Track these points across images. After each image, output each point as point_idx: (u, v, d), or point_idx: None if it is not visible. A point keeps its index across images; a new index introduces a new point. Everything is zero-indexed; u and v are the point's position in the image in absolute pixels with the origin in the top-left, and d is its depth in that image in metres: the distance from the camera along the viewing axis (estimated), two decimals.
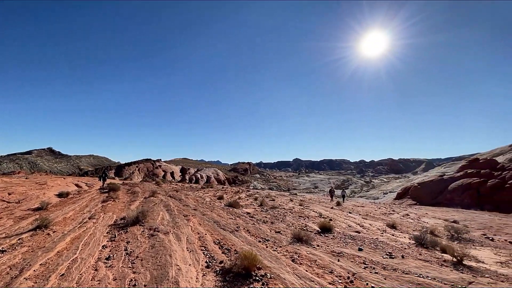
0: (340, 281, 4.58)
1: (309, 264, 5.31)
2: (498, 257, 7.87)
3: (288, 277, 4.49)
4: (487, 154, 60.66)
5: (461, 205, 42.76)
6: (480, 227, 13.39)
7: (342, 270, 5.07)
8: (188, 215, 9.68)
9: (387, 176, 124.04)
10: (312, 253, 6.06)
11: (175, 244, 5.96)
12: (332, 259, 5.74)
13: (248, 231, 7.93)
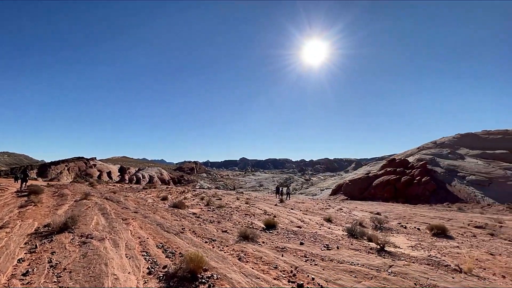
0: (284, 275, 4.73)
1: (255, 261, 5.36)
2: (410, 242, 9.11)
3: (234, 276, 4.45)
4: (401, 155, 69.78)
5: (382, 199, 48.39)
6: (396, 217, 15.35)
7: (285, 265, 5.24)
8: (127, 218, 8.93)
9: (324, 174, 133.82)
10: (258, 250, 6.14)
11: (112, 251, 5.41)
12: (277, 255, 5.90)
13: (194, 232, 7.67)
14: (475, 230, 11.23)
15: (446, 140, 67.63)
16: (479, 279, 5.17)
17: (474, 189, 43.27)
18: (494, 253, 7.87)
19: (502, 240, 9.56)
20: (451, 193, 46.22)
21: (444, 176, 51.33)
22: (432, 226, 10.86)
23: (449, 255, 7.56)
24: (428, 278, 4.81)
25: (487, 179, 44.89)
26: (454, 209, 24.08)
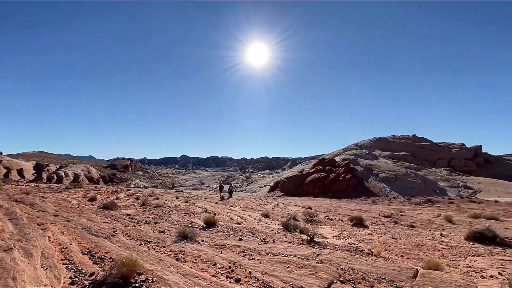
0: (223, 272, 4.77)
1: (194, 260, 5.27)
2: (334, 232, 10.14)
3: (171, 277, 4.31)
4: (330, 154, 76.68)
5: (314, 194, 52.37)
6: (324, 210, 16.88)
7: (224, 261, 5.29)
8: (45, 223, 7.77)
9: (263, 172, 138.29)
10: (197, 249, 6.05)
11: (23, 263, 4.67)
12: (216, 252, 5.91)
13: (128, 235, 7.12)
14: (384, 219, 13.11)
15: (365, 142, 76.90)
16: (385, 260, 6.07)
17: (385, 185, 50.35)
18: (396, 237, 9.33)
19: (402, 226, 11.40)
20: (368, 188, 52.78)
21: (363, 173, 58.28)
22: (352, 218, 12.28)
23: (364, 242, 8.66)
24: (348, 263, 5.46)
25: (393, 176, 52.65)
26: (369, 202, 27.57)
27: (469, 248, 7.84)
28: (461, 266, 6.32)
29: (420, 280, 4.55)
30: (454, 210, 17.69)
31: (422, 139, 73.92)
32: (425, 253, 7.55)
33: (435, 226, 11.51)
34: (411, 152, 66.31)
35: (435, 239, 9.16)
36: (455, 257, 7.09)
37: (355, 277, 4.72)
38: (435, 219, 13.06)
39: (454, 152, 65.63)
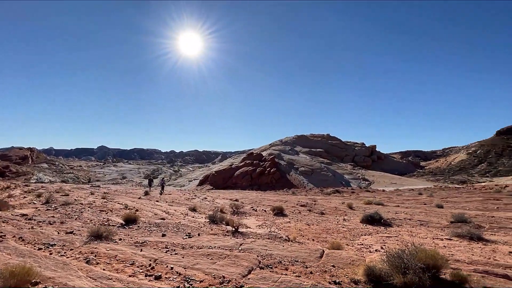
0: (141, 270, 4.47)
1: (108, 261, 4.77)
2: (258, 222, 10.68)
3: (78, 283, 3.80)
4: (258, 149, 79.88)
5: (242, 187, 53.75)
6: (250, 202, 17.57)
7: (144, 259, 4.96)
8: None
9: (193, 166, 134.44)
10: (113, 249, 5.50)
11: None
12: (135, 250, 5.49)
13: (22, 239, 5.95)
14: (300, 208, 14.45)
15: (288, 139, 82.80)
16: (299, 244, 6.72)
17: (303, 178, 55.43)
18: (310, 223, 10.42)
19: (315, 214, 12.80)
20: (289, 181, 57.07)
21: (286, 167, 62.62)
22: (274, 208, 13.13)
23: (283, 229, 9.38)
24: (267, 249, 5.82)
25: (310, 170, 58.40)
26: (290, 193, 29.95)
27: (363, 229, 9.35)
28: (356, 244, 7.48)
29: (325, 259, 5.20)
30: (355, 198, 20.78)
31: (334, 138, 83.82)
32: (331, 235, 8.64)
33: (340, 212, 13.32)
34: (325, 149, 74.57)
35: (339, 223, 10.59)
36: (353, 237, 8.35)
37: (273, 262, 5.08)
38: (340, 206, 15.12)
39: (357, 150, 76.79)
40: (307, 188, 48.13)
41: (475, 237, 7.42)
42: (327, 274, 4.51)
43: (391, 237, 8.15)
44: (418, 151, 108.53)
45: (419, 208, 14.58)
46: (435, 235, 8.35)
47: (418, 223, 10.42)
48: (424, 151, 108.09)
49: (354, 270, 4.57)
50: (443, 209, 13.81)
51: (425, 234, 8.46)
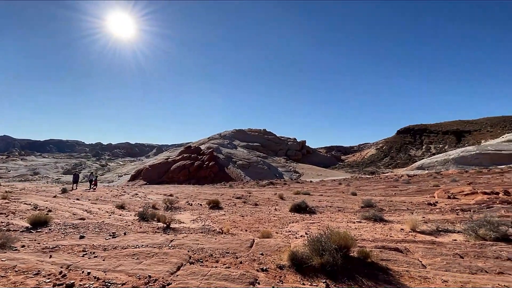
0: (49, 280, 3.83)
1: (3, 274, 3.94)
2: (193, 216, 10.41)
3: None
4: (196, 143, 77.81)
5: (178, 181, 51.56)
6: (185, 196, 17.00)
7: (53, 267, 4.27)
8: None
9: (123, 160, 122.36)
10: (11, 258, 4.57)
11: None
12: (42, 258, 4.68)
13: None
14: (236, 200, 14.68)
15: (227, 133, 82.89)
16: (232, 236, 6.80)
17: (241, 171, 56.42)
18: (244, 215, 10.67)
19: (249, 205, 13.18)
20: (227, 174, 57.34)
21: (224, 161, 62.65)
22: (210, 201, 12.99)
23: (218, 222, 9.36)
24: (199, 244, 5.71)
25: (248, 163, 59.85)
26: (227, 186, 30.11)
27: (291, 217, 10.04)
28: (284, 232, 7.98)
29: (254, 248, 5.38)
30: (286, 189, 22.17)
31: (270, 133, 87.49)
32: (263, 225, 9.02)
33: (272, 202, 14.03)
34: (262, 143, 77.29)
35: (271, 213, 11.13)
36: (282, 225, 8.88)
37: (204, 256, 5.00)
38: (273, 197, 15.93)
39: (290, 144, 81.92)
40: (245, 181, 49.23)
41: (378, 219, 8.75)
42: (256, 262, 4.67)
43: (314, 223, 8.96)
44: (339, 146, 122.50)
45: (338, 196, 16.46)
46: (349, 219, 9.54)
47: (336, 209, 11.74)
48: (344, 146, 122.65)
49: (280, 256, 4.85)
50: (357, 196, 15.90)
51: (342, 219, 9.59)
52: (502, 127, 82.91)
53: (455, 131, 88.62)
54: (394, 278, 3.95)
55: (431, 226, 7.48)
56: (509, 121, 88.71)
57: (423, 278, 3.93)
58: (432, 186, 19.15)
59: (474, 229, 6.03)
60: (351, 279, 3.90)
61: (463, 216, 9.19)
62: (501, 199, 10.99)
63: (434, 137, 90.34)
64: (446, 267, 4.39)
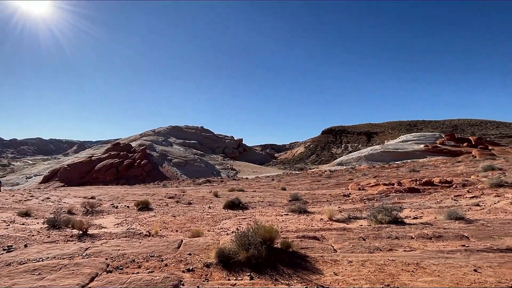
0: None
1: None
2: (117, 220, 9.40)
3: None
4: (126, 139, 70.90)
5: (104, 182, 46.05)
6: (111, 198, 15.27)
7: None
8: None
9: (33, 158, 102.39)
10: None
11: None
12: None
13: None
14: (168, 200, 13.91)
15: (162, 129, 77.92)
16: (160, 238, 6.40)
17: (177, 169, 53.87)
18: (176, 215, 10.18)
19: (182, 205, 12.66)
20: (162, 173, 54.01)
21: (158, 159, 58.79)
22: (139, 202, 11.95)
23: (146, 224, 8.68)
24: (120, 249, 5.16)
25: (184, 161, 57.59)
26: (160, 185, 28.32)
27: (224, 214, 10.05)
28: (216, 229, 7.92)
29: (182, 249, 5.16)
30: (222, 187, 22.14)
31: (207, 131, 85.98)
32: (195, 224, 8.76)
33: (207, 200, 13.80)
34: (199, 141, 75.36)
35: (205, 211, 10.92)
36: (215, 223, 8.80)
37: (124, 263, 4.54)
38: (208, 195, 15.68)
39: (227, 142, 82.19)
40: (181, 179, 47.15)
41: (303, 211, 9.51)
42: (182, 263, 4.49)
43: (246, 218, 9.16)
44: (273, 144, 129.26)
45: (270, 191, 17.29)
46: (278, 212, 10.10)
47: (267, 204, 12.29)
48: (278, 145, 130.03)
49: (208, 254, 4.77)
50: (286, 191, 16.99)
51: (271, 213, 10.07)
52: (399, 130, 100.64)
53: (366, 132, 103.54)
54: (311, 264, 4.32)
55: (344, 214, 8.52)
56: (404, 125, 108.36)
57: (333, 261, 4.42)
58: (348, 180, 21.91)
59: (374, 215, 7.12)
60: (274, 269, 4.10)
61: (368, 204, 10.77)
62: (396, 189, 13.31)
63: (351, 137, 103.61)
64: (352, 249, 5.04)
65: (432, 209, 9.05)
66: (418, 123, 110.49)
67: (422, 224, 6.85)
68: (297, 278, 3.83)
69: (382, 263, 4.28)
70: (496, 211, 8.33)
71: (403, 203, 10.69)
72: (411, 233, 5.92)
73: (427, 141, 61.57)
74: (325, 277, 3.86)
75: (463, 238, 5.55)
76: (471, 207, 9.10)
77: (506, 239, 5.41)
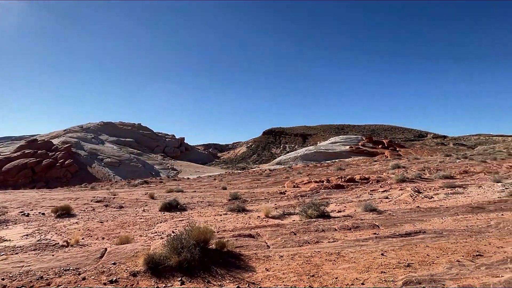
0: None
1: None
2: (27, 230, 7.85)
3: None
4: (46, 136, 60.66)
5: (16, 186, 38.51)
6: (20, 205, 12.70)
7: None
8: None
9: None
10: None
11: None
12: None
13: None
14: (95, 204, 12.32)
15: (92, 125, 68.98)
16: (80, 247, 5.57)
17: (109, 170, 48.35)
18: (103, 220, 9.07)
19: (112, 209, 11.37)
20: (91, 174, 47.82)
21: (87, 158, 51.88)
22: (58, 208, 10.24)
23: (65, 233, 7.48)
24: (24, 266, 4.28)
25: (118, 161, 52.14)
26: (88, 188, 24.96)
27: (160, 217, 9.40)
28: (150, 233, 7.34)
29: (105, 258, 4.59)
30: (160, 188, 20.76)
31: (145, 128, 79.76)
32: (126, 229, 7.95)
33: (141, 203, 12.70)
34: (136, 139, 69.32)
35: (138, 215, 10.02)
36: (149, 227, 8.14)
37: (28, 281, 3.78)
38: (142, 197, 14.46)
39: (168, 141, 77.77)
40: (113, 181, 42.46)
41: (241, 209, 9.58)
42: (105, 274, 3.97)
43: (183, 220, 8.75)
44: (216, 144, 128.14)
45: (210, 191, 16.98)
46: (217, 212, 9.96)
47: (207, 204, 12.01)
48: (221, 144, 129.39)
49: (136, 262, 4.35)
50: (226, 190, 16.92)
51: (210, 213, 9.87)
52: (329, 132, 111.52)
53: (302, 134, 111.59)
54: (244, 262, 4.35)
55: (280, 211, 8.91)
56: (333, 128, 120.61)
57: (266, 257, 4.54)
58: (285, 178, 23.14)
59: (305, 210, 7.64)
60: (207, 271, 3.98)
61: (301, 201, 11.54)
62: (325, 186, 14.62)
63: (289, 138, 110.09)
64: (284, 244, 5.28)
65: (353, 203, 10.22)
66: (345, 127, 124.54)
67: (344, 217, 7.65)
68: (230, 278, 3.79)
69: (310, 255, 4.59)
70: (399, 202, 9.91)
71: (330, 198, 11.81)
72: (335, 225, 6.54)
73: (351, 143, 69.78)
74: (257, 273, 3.92)
75: (375, 227, 6.40)
76: (382, 200, 10.63)
77: (406, 225, 6.45)
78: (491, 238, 5.13)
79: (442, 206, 8.32)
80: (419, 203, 9.39)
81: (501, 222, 6.08)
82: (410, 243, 5.03)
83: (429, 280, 3.39)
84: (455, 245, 4.82)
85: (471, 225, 6.12)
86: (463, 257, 4.20)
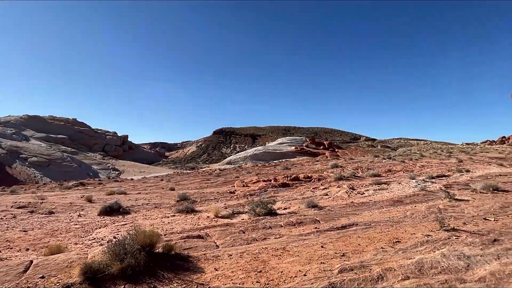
0: None
1: None
2: None
3: None
4: None
5: None
6: None
7: None
8: None
9: None
10: None
11: None
12: None
13: None
14: (17, 210, 10.45)
15: (12, 119, 58.17)
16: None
17: (35, 170, 41.44)
18: (28, 229, 7.78)
19: (39, 215, 9.80)
20: (12, 175, 40.41)
21: (5, 157, 43.63)
22: None
23: None
24: None
25: (47, 161, 45.08)
26: (7, 192, 20.93)
27: (99, 222, 8.49)
28: (87, 240, 6.58)
29: (31, 272, 3.96)
30: (99, 190, 18.69)
31: (82, 124, 70.91)
32: (57, 238, 6.98)
33: (76, 208, 11.24)
34: (70, 136, 61.01)
35: (72, 221, 8.86)
36: (85, 233, 7.29)
37: None
38: (78, 201, 12.81)
39: (108, 139, 70.43)
40: (41, 183, 36.46)
41: (190, 210, 9.31)
42: None
43: (126, 224, 8.08)
44: (164, 142, 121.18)
45: (157, 192, 16.02)
46: (164, 214, 9.47)
47: (153, 206, 11.31)
48: (169, 143, 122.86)
49: (70, 273, 3.87)
50: (174, 191, 16.20)
51: (157, 215, 9.32)
52: (277, 133, 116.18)
53: (252, 134, 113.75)
54: (193, 264, 4.26)
55: (229, 210, 8.95)
56: (281, 130, 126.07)
57: (215, 257, 4.53)
58: (235, 177, 23.27)
59: (253, 208, 7.84)
60: (153, 277, 3.79)
61: (250, 200, 11.78)
62: (272, 184, 15.21)
63: (239, 138, 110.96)
64: (233, 243, 5.34)
65: (297, 200, 10.88)
66: (291, 129, 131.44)
67: (289, 214, 8.11)
68: (178, 281, 3.68)
69: (257, 252, 4.75)
70: (337, 199, 10.94)
71: (277, 196, 12.35)
72: (281, 222, 6.88)
73: (297, 144, 73.97)
74: (206, 274, 3.89)
75: (316, 222, 6.95)
76: (323, 197, 11.58)
77: (342, 219, 7.17)
78: (407, 226, 6.10)
79: (371, 201, 9.50)
80: (353, 198, 10.53)
81: (414, 213, 7.26)
82: (345, 235, 5.63)
83: (359, 267, 3.87)
84: (380, 234, 5.58)
85: (392, 216, 7.15)
86: (386, 244, 4.90)
